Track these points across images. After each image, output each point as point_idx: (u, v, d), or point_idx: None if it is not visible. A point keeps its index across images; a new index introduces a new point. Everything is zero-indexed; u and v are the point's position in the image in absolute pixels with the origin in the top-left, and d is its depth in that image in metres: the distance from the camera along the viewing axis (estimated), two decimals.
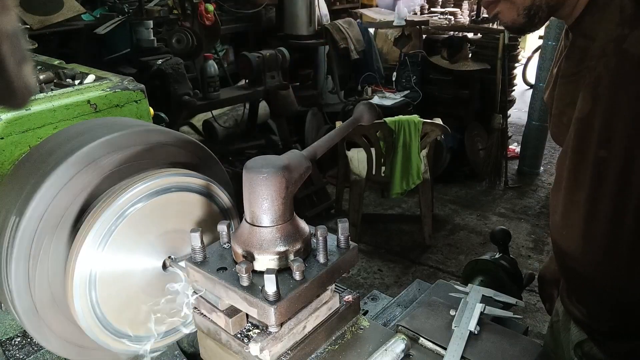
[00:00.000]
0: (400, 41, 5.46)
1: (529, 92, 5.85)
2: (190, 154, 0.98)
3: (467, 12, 7.66)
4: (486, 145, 4.93)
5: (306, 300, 0.77)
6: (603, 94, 0.85)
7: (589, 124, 0.89)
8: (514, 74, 5.22)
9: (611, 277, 0.98)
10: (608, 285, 1.00)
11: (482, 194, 4.85)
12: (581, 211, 0.95)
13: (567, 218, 1.00)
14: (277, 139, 4.65)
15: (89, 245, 0.79)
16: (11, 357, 1.04)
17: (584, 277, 1.03)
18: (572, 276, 1.09)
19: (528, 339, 0.89)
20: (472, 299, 0.97)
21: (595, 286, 1.02)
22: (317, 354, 0.83)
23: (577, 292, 1.10)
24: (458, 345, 0.84)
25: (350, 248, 0.82)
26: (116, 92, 1.14)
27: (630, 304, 0.99)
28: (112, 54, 4.38)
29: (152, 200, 0.85)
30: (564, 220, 1.01)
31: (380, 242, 4.11)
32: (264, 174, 0.73)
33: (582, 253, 0.99)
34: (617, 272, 0.96)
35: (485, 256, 1.29)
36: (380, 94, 4.86)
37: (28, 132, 1.02)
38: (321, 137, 0.87)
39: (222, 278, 0.76)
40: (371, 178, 3.83)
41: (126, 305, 0.86)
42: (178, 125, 4.18)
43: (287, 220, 0.77)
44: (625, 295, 0.99)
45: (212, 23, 4.18)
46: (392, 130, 3.58)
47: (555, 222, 1.06)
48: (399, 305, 1.19)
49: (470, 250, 3.95)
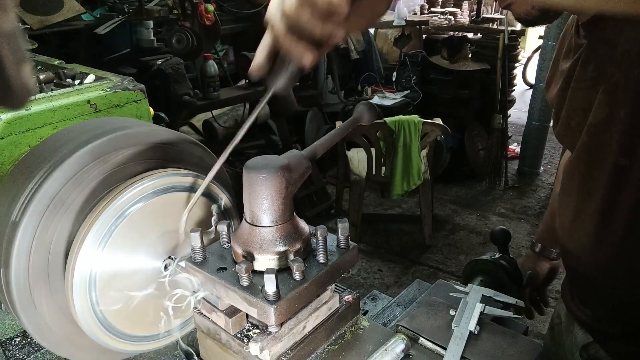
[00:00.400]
0: (400, 41, 5.47)
1: (529, 92, 5.85)
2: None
3: (467, 12, 7.68)
4: (486, 145, 4.93)
5: (306, 300, 0.77)
6: (623, 102, 0.84)
7: (606, 131, 0.88)
8: (514, 74, 5.22)
9: (621, 279, 0.97)
10: (617, 287, 0.99)
11: (482, 194, 4.85)
12: (595, 217, 0.94)
13: (578, 222, 1.00)
14: (277, 139, 4.65)
15: (89, 245, 0.79)
16: (11, 357, 1.04)
17: (593, 279, 1.03)
18: (580, 278, 1.09)
19: (528, 339, 0.89)
20: (472, 299, 0.97)
21: (604, 288, 1.02)
22: (317, 354, 0.83)
23: (584, 294, 1.10)
24: (458, 345, 0.84)
25: (350, 248, 0.82)
26: (116, 92, 1.14)
27: (638, 306, 0.99)
28: (112, 54, 4.38)
29: (152, 200, 0.85)
30: (575, 224, 1.01)
31: (380, 242, 4.11)
32: (263, 173, 0.73)
33: (593, 257, 0.99)
34: (627, 275, 0.96)
35: (485, 256, 1.29)
36: (380, 94, 4.86)
37: (28, 132, 1.02)
38: (321, 137, 0.87)
39: (222, 278, 0.76)
40: (371, 178, 3.83)
41: (126, 306, 0.86)
42: (178, 125, 4.18)
43: (287, 220, 0.77)
44: (634, 297, 0.98)
45: (212, 23, 4.17)
46: (392, 130, 3.58)
47: (564, 226, 1.05)
48: (398, 305, 1.19)
49: (470, 250, 3.95)
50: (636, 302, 0.99)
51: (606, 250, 0.96)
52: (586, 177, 0.95)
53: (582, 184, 0.97)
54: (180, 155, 0.96)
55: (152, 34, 4.42)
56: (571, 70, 0.99)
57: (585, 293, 1.09)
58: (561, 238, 1.08)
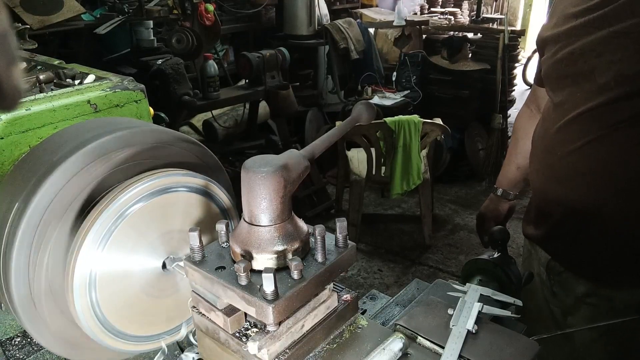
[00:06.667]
0: (400, 41, 5.47)
1: (529, 92, 5.84)
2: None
3: (467, 12, 7.67)
4: (486, 145, 4.93)
5: (304, 299, 0.77)
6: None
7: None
8: (514, 74, 5.22)
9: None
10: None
11: (482, 194, 4.85)
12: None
13: (600, 168, 1.13)
14: (277, 139, 4.65)
15: (89, 246, 0.79)
16: (11, 357, 1.04)
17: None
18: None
19: (526, 338, 0.89)
20: (470, 298, 0.97)
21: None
22: (316, 353, 0.83)
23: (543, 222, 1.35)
24: (456, 344, 0.84)
25: (349, 247, 0.82)
26: (116, 92, 1.14)
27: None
28: (112, 54, 4.39)
29: (152, 200, 0.85)
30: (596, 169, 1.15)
31: (380, 242, 4.11)
32: (262, 173, 0.73)
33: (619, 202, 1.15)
34: None
35: (484, 256, 1.29)
36: (380, 94, 4.86)
37: (28, 132, 1.02)
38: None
39: (220, 277, 0.76)
40: (371, 178, 3.83)
41: (126, 306, 0.87)
42: (178, 125, 4.18)
43: (286, 219, 0.77)
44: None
45: (212, 23, 4.18)
46: (392, 130, 3.58)
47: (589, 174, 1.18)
48: (397, 304, 1.19)
49: (470, 250, 3.95)
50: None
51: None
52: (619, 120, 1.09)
53: (609, 128, 1.10)
54: (180, 155, 0.96)
55: (152, 34, 4.43)
56: (597, 17, 1.07)
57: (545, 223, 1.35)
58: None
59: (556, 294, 1.37)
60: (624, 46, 1.04)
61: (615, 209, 1.15)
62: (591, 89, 1.11)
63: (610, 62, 1.06)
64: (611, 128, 1.10)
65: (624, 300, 1.22)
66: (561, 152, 1.21)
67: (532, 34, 8.87)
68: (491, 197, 1.71)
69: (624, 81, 1.05)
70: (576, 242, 1.27)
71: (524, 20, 10.06)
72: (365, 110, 0.90)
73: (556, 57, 1.19)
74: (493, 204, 1.70)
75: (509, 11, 9.17)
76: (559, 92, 1.21)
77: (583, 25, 1.11)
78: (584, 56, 1.11)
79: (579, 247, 1.27)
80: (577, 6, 1.13)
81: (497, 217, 1.69)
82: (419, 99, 4.86)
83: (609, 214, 1.16)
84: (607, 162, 1.13)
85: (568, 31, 1.15)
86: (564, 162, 1.21)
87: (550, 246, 1.37)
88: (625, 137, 1.09)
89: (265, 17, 5.12)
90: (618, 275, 1.24)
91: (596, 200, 1.17)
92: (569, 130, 1.18)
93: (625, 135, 1.09)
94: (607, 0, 1.06)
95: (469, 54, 4.99)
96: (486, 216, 1.71)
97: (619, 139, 1.10)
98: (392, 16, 5.63)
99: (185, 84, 3.89)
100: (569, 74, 1.16)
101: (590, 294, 1.28)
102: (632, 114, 1.06)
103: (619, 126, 1.09)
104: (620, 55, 1.05)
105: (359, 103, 0.92)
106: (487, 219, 1.70)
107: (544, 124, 1.30)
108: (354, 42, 5.24)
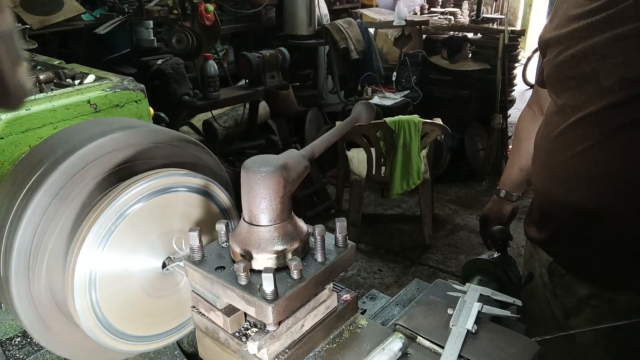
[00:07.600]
0: (400, 41, 5.48)
1: (529, 92, 5.84)
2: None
3: (467, 12, 7.67)
4: (486, 145, 4.93)
5: (304, 299, 0.77)
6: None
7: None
8: (514, 74, 5.22)
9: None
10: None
11: (482, 194, 4.85)
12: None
13: (603, 169, 1.13)
14: (277, 139, 4.66)
15: (89, 246, 0.79)
16: (11, 357, 1.04)
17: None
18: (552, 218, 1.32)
19: (526, 338, 0.89)
20: (470, 298, 0.97)
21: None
22: (315, 353, 0.83)
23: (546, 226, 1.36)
24: (455, 344, 0.84)
25: (349, 247, 0.82)
26: (116, 92, 1.14)
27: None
28: (112, 54, 4.39)
29: (152, 200, 0.85)
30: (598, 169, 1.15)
31: (380, 242, 4.11)
32: (262, 173, 0.73)
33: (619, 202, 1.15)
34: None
35: (484, 255, 1.29)
36: (380, 94, 4.86)
37: (28, 132, 1.02)
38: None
39: (220, 277, 0.76)
40: (371, 178, 3.83)
41: (126, 306, 0.87)
42: (178, 125, 4.18)
43: (285, 219, 0.77)
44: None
45: (212, 23, 4.18)
46: (392, 130, 3.58)
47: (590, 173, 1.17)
48: (397, 304, 1.19)
49: (470, 250, 3.95)
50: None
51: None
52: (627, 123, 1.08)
53: (617, 131, 1.10)
54: (180, 155, 0.96)
55: (152, 34, 4.43)
56: (602, 19, 1.07)
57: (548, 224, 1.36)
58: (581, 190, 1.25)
59: (558, 295, 1.37)
60: (627, 49, 1.04)
61: (616, 211, 1.15)
62: (594, 92, 1.10)
63: (614, 65, 1.06)
64: (614, 131, 1.10)
65: (626, 302, 1.22)
66: (563, 155, 1.21)
67: (532, 34, 8.87)
68: (494, 199, 1.70)
69: (628, 84, 1.04)
70: (578, 244, 1.27)
71: (524, 20, 10.07)
72: (365, 110, 0.90)
73: (558, 59, 1.18)
74: (496, 205, 1.69)
75: (509, 11, 9.18)
76: (562, 94, 1.21)
77: (586, 27, 1.10)
78: (586, 59, 1.10)
79: (581, 249, 1.27)
80: (579, 8, 1.12)
81: (500, 219, 1.68)
82: (419, 99, 4.87)
83: (611, 217, 1.16)
84: (609, 165, 1.13)
85: (570, 33, 1.14)
86: (566, 165, 1.21)
87: (551, 248, 1.37)
88: (627, 140, 1.09)
89: (265, 17, 5.12)
90: (619, 278, 1.23)
91: (598, 203, 1.17)
92: (571, 134, 1.18)
93: (628, 138, 1.09)
94: (610, 3, 1.05)
95: (469, 54, 4.99)
96: (489, 218, 1.70)
97: (621, 142, 1.10)
98: (392, 16, 5.63)
99: (185, 84, 3.89)
100: (572, 77, 1.16)
101: (592, 296, 1.27)
102: (635, 117, 1.06)
103: (622, 129, 1.09)
104: (624, 59, 1.04)
105: (359, 103, 0.92)
106: (491, 220, 1.70)
107: (546, 126, 1.30)
108: (354, 42, 5.24)
